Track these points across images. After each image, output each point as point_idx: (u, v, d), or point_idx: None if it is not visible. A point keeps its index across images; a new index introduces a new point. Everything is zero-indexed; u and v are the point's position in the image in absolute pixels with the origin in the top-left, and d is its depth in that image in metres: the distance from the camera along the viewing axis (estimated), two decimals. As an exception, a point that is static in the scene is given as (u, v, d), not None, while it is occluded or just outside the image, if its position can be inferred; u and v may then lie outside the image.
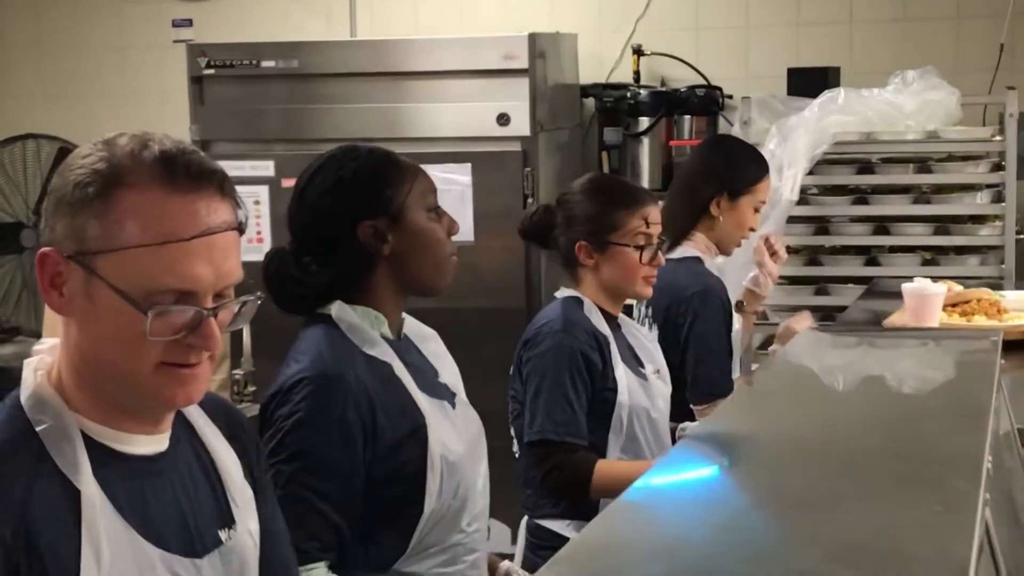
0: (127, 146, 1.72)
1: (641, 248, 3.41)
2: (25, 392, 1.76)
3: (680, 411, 3.79)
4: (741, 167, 4.14)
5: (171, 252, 1.69)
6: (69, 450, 1.71)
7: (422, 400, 2.52)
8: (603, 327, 3.41)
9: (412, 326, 2.72)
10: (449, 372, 2.72)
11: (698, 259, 4.08)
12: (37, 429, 1.71)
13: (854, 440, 2.12)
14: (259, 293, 1.82)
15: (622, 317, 3.56)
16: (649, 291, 3.51)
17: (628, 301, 3.65)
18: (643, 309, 4.10)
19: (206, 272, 1.71)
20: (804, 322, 4.06)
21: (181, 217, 1.70)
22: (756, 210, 4.13)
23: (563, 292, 3.53)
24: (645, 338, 3.62)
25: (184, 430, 1.89)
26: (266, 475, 2.07)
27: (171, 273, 1.69)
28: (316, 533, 2.43)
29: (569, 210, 3.49)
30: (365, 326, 2.54)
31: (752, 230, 4.14)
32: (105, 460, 1.74)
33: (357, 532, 2.48)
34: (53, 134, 7.07)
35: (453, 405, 2.63)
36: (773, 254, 4.13)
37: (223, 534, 1.86)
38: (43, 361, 1.80)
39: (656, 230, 3.46)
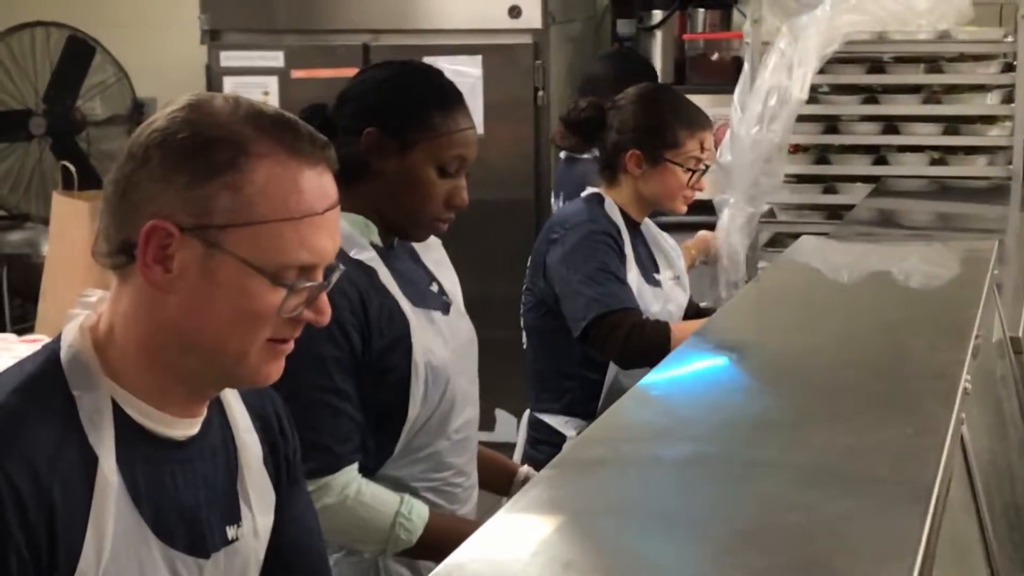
0: (238, 111, 1.65)
1: (691, 172, 3.42)
2: (66, 350, 1.66)
3: None
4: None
5: (307, 226, 1.64)
6: (98, 421, 1.63)
7: (407, 307, 2.50)
8: (622, 229, 3.44)
9: None
10: (447, 280, 2.70)
11: None
12: (74, 392, 1.63)
13: (835, 355, 2.12)
14: (341, 266, 1.76)
15: (646, 222, 3.57)
16: (684, 208, 3.55)
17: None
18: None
19: (330, 246, 1.68)
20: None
21: (315, 190, 1.66)
22: None
23: (588, 192, 3.56)
24: (667, 244, 3.63)
25: (216, 413, 1.80)
26: (301, 465, 1.97)
27: (306, 248, 1.64)
28: (348, 433, 2.44)
29: (626, 115, 3.47)
30: (354, 232, 2.51)
31: None
32: (132, 438, 1.66)
33: None
34: (62, 22, 7.05)
35: (445, 312, 2.61)
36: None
37: (231, 531, 1.77)
38: (89, 319, 1.70)
39: (707, 156, 3.48)
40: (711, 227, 5.10)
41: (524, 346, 3.57)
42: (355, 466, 2.45)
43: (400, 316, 2.49)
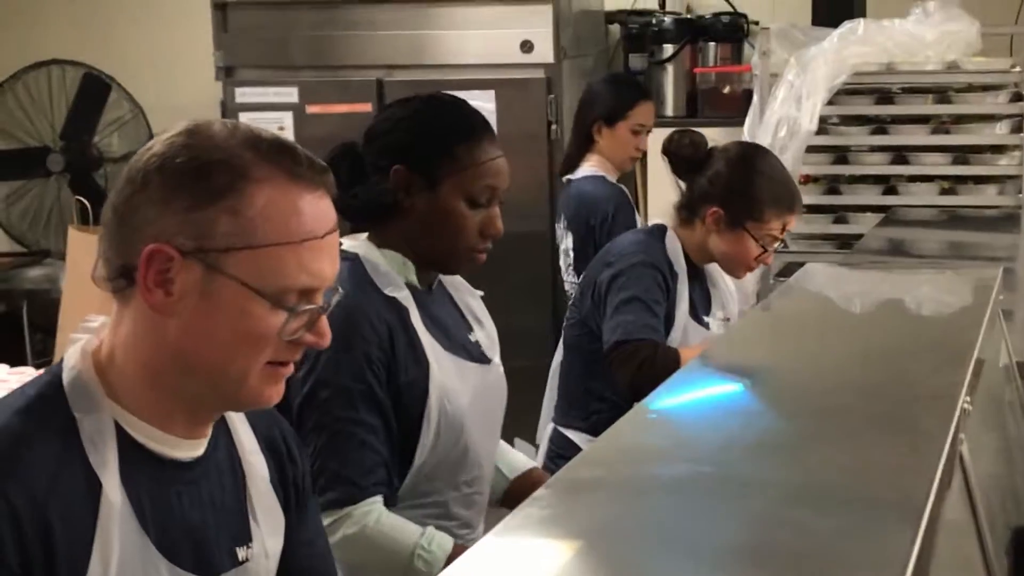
0: (235, 136, 1.66)
1: (764, 248, 3.41)
2: (68, 373, 1.67)
3: None
4: (617, 95, 4.84)
5: (307, 250, 1.65)
6: (100, 443, 1.63)
7: (430, 349, 2.48)
8: (678, 266, 3.44)
9: (455, 282, 2.67)
10: (484, 335, 2.66)
11: (602, 176, 4.78)
12: (75, 414, 1.64)
13: (835, 378, 2.13)
14: (341, 290, 1.77)
15: (713, 266, 3.56)
16: (744, 276, 3.56)
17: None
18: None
19: (330, 269, 1.69)
20: None
21: (315, 214, 1.66)
22: (636, 132, 4.79)
23: (652, 223, 3.60)
24: (724, 285, 3.63)
25: (223, 434, 1.80)
26: (311, 490, 1.97)
27: (306, 271, 1.65)
28: (371, 467, 2.41)
29: (721, 170, 3.43)
30: (391, 271, 2.49)
31: (639, 149, 4.83)
32: (136, 459, 1.67)
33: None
34: (78, 60, 7.11)
35: (478, 364, 2.59)
36: None
37: (240, 551, 1.77)
38: (91, 343, 1.71)
39: (784, 236, 3.46)
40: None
41: (561, 361, 3.68)
42: (378, 499, 2.42)
43: (423, 358, 2.47)
